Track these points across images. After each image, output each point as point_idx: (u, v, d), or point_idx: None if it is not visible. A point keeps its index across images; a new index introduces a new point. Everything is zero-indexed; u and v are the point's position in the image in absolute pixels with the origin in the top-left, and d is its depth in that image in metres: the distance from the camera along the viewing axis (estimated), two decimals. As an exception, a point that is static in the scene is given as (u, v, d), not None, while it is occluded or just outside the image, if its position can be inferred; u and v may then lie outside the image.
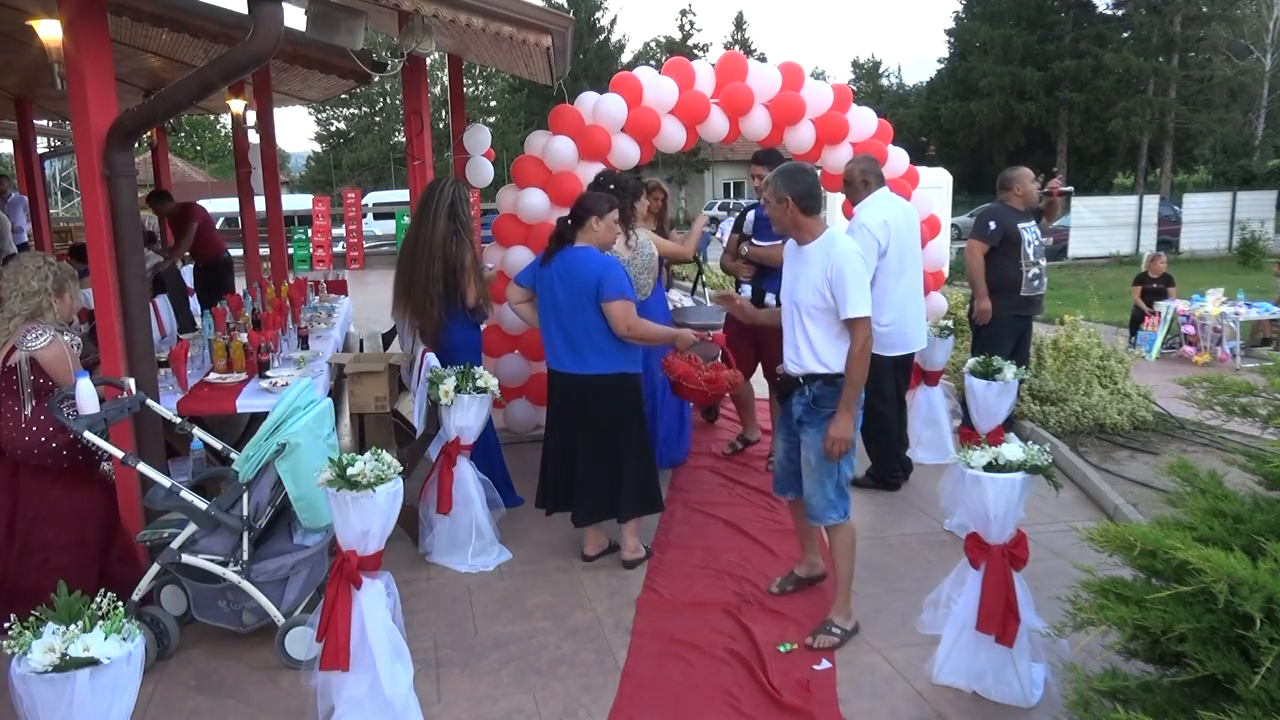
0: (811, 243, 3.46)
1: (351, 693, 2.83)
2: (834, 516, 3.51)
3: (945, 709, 3.13)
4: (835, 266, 3.34)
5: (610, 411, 4.11)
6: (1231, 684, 1.97)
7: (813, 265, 3.42)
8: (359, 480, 2.74)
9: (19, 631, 2.13)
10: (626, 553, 4.30)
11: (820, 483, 3.49)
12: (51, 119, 12.48)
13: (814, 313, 3.42)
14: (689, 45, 43.55)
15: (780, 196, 3.43)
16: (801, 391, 3.52)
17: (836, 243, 3.43)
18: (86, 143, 3.47)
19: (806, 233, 3.47)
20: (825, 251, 3.39)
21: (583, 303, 3.99)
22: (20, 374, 3.55)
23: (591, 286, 3.96)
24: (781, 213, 3.46)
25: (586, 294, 3.97)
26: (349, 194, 18.89)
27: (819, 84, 6.11)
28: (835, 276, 3.34)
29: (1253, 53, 31.43)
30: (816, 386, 3.47)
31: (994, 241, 5.45)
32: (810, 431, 3.50)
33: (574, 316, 4.02)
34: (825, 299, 3.37)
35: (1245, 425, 2.89)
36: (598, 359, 4.04)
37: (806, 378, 3.49)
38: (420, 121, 5.87)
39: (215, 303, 6.24)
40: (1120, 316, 10.97)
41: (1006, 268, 5.43)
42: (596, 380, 4.06)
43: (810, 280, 3.41)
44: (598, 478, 4.15)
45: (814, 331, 3.44)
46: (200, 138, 49.10)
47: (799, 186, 3.43)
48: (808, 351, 3.47)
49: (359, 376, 4.61)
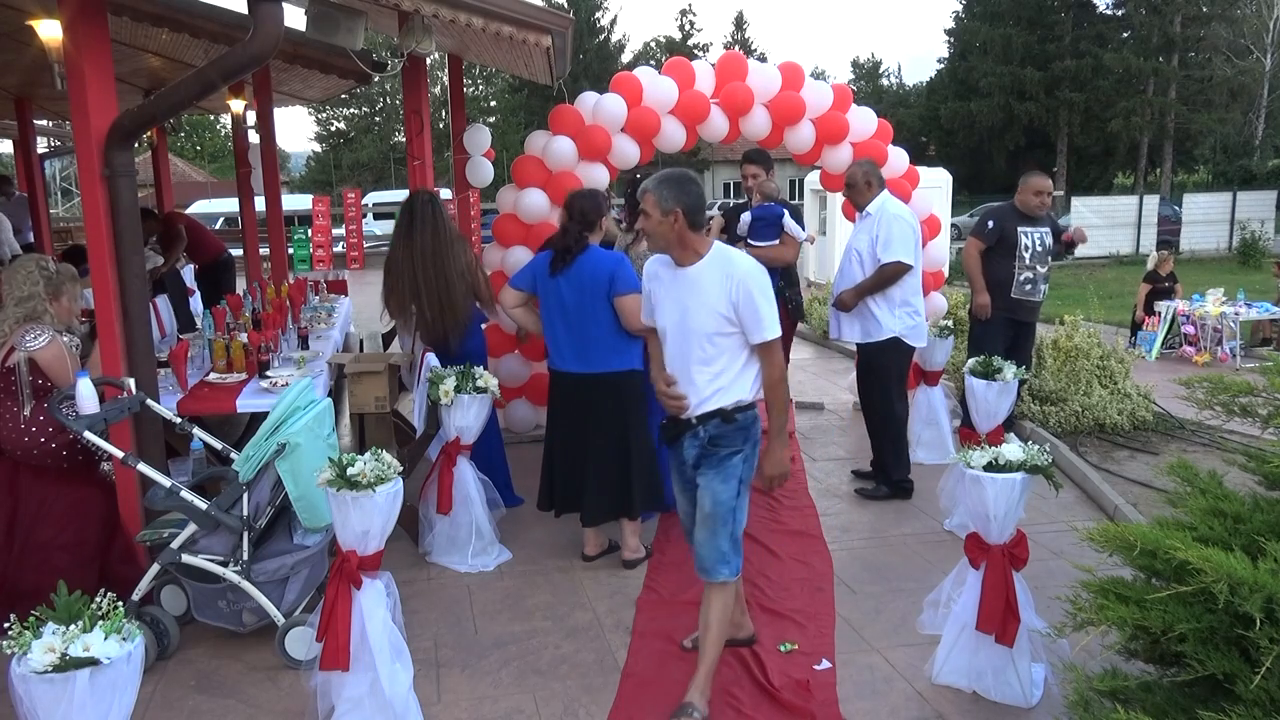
0: (697, 262, 3.00)
1: (351, 693, 2.83)
2: (725, 572, 3.05)
3: (945, 709, 3.13)
4: (741, 286, 2.91)
5: (619, 409, 4.12)
6: (1231, 684, 1.97)
7: (707, 287, 2.97)
8: (359, 480, 2.74)
9: (19, 631, 2.13)
10: (627, 552, 4.30)
11: (714, 533, 3.05)
12: (51, 119, 12.46)
13: (716, 340, 2.99)
14: (689, 45, 43.59)
15: (667, 208, 2.93)
16: (694, 432, 3.08)
17: (735, 260, 2.99)
18: (86, 143, 3.47)
19: (691, 251, 3.00)
20: (724, 271, 2.95)
21: (594, 300, 3.99)
22: (19, 374, 3.55)
23: (604, 283, 3.97)
24: (666, 227, 2.96)
25: (598, 291, 3.98)
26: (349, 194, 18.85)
27: (819, 84, 6.12)
28: (742, 297, 2.92)
29: (1253, 53, 31.43)
30: (713, 425, 3.05)
31: (989, 240, 5.53)
32: (708, 475, 3.07)
33: (583, 315, 4.02)
34: (729, 323, 2.96)
35: (1245, 425, 2.89)
36: (606, 357, 4.05)
37: (701, 417, 3.05)
38: (420, 121, 5.86)
39: (215, 303, 6.24)
40: (1121, 316, 10.97)
41: (999, 268, 5.50)
42: (605, 378, 4.07)
43: (707, 304, 2.97)
44: (609, 477, 4.16)
45: (718, 361, 3.01)
46: (200, 138, 49.11)
47: (690, 198, 2.95)
48: (708, 386, 3.02)
49: (359, 376, 4.61)
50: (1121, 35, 33.82)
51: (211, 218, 19.16)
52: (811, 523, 4.79)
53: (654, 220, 2.97)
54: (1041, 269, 5.50)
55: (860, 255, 4.98)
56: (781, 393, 3.05)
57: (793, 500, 5.09)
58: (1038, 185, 5.46)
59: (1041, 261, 5.48)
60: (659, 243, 3.03)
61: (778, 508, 4.96)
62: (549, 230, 4.98)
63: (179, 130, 42.87)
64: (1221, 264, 19.27)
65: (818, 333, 9.92)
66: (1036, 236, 5.46)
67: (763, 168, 5.49)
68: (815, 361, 9.10)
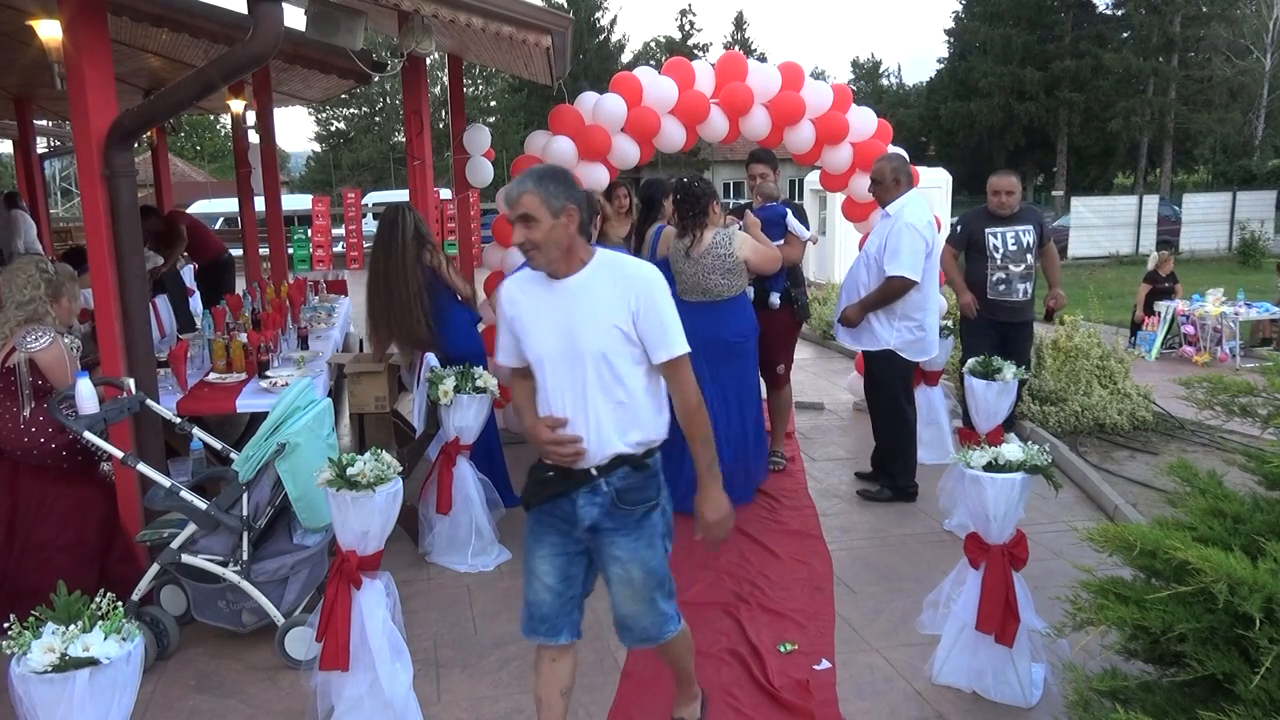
0: (580, 271, 2.46)
1: (351, 693, 2.83)
2: (673, 627, 2.63)
3: (945, 709, 3.13)
4: (640, 293, 2.41)
5: None
6: (1231, 684, 1.97)
7: (598, 297, 2.43)
8: (359, 480, 2.74)
9: (18, 631, 2.13)
10: None
11: (650, 599, 2.56)
12: (51, 119, 12.47)
13: (615, 361, 2.43)
14: (689, 45, 43.58)
15: (558, 206, 2.37)
16: (594, 487, 2.49)
17: (626, 263, 2.52)
18: (86, 143, 3.47)
19: (575, 258, 2.46)
20: (616, 276, 2.44)
21: None
22: (19, 375, 3.55)
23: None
24: (561, 232, 2.38)
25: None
26: (349, 194, 18.86)
27: (819, 84, 6.11)
28: (643, 305, 2.41)
29: (1252, 53, 31.44)
30: (620, 475, 2.48)
31: (959, 244, 5.58)
32: (625, 542, 2.51)
33: None
34: (628, 340, 2.43)
35: (1245, 425, 2.89)
36: None
37: (605, 465, 2.48)
38: (420, 121, 5.86)
39: (215, 303, 6.24)
40: (1120, 316, 10.97)
41: (974, 270, 5.50)
42: None
43: (599, 317, 2.42)
44: None
45: (619, 389, 2.44)
46: (200, 138, 49.13)
47: (579, 192, 2.45)
48: (610, 422, 2.45)
49: (359, 376, 4.62)
50: (1121, 35, 33.82)
51: (211, 218, 19.15)
52: (811, 523, 4.79)
53: (544, 227, 2.36)
54: (1016, 268, 5.36)
55: (869, 259, 4.91)
56: (702, 421, 2.51)
57: (793, 500, 5.09)
58: (994, 185, 5.42)
59: (1016, 261, 5.35)
60: (551, 254, 2.41)
61: (778, 508, 4.96)
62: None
63: (179, 130, 42.87)
64: (1221, 264, 19.29)
65: (817, 333, 9.92)
66: (1009, 236, 5.35)
67: (769, 167, 5.48)
68: (815, 361, 9.11)
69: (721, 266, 4.68)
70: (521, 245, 2.41)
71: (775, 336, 5.32)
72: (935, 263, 4.93)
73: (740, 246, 4.71)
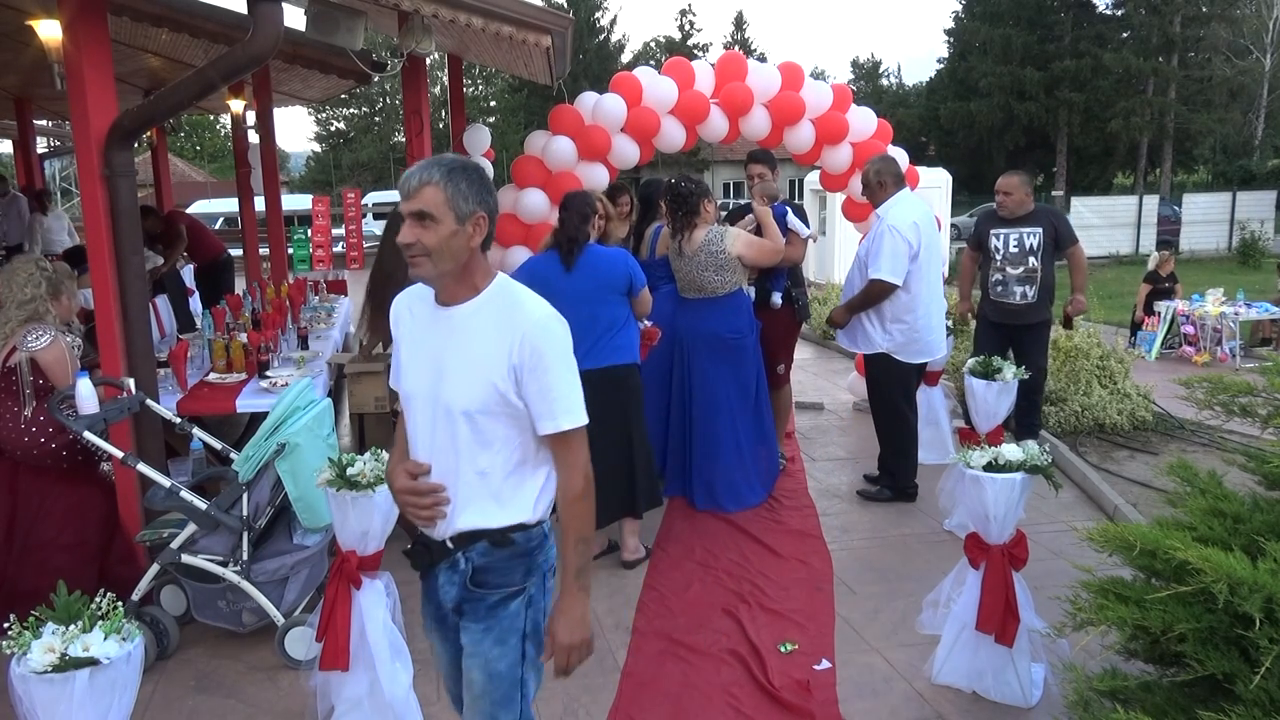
0: (470, 301, 1.97)
1: (351, 693, 2.83)
2: None
3: (945, 709, 3.13)
4: (529, 343, 1.90)
5: (621, 404, 4.13)
6: (1231, 684, 1.97)
7: (479, 339, 1.94)
8: (359, 480, 2.74)
9: (18, 631, 2.13)
10: (626, 553, 4.30)
11: (486, 715, 2.04)
12: (51, 119, 12.47)
13: (483, 422, 1.94)
14: (689, 45, 43.56)
15: (466, 210, 1.91)
16: (452, 562, 2.05)
17: (526, 303, 1.97)
18: (86, 143, 3.47)
19: (468, 282, 1.96)
20: (507, 318, 1.93)
21: (607, 293, 4.04)
22: (20, 375, 3.55)
23: (621, 281, 4.05)
24: (463, 242, 1.91)
25: (614, 285, 4.05)
26: (349, 194, 18.88)
27: (819, 84, 6.11)
28: (530, 360, 1.90)
29: (1252, 53, 31.45)
30: (478, 552, 2.01)
31: (971, 244, 5.66)
32: (471, 629, 2.04)
33: (594, 309, 4.01)
34: (505, 400, 1.93)
35: (1245, 425, 2.89)
36: (610, 351, 4.07)
37: (460, 537, 2.02)
38: (420, 121, 5.86)
39: (215, 303, 6.24)
40: (1120, 316, 10.98)
41: (982, 271, 5.54)
42: (609, 373, 4.06)
43: (475, 365, 1.93)
44: (614, 475, 4.13)
45: (484, 456, 1.97)
46: (200, 138, 49.12)
47: (495, 203, 1.98)
48: (472, 493, 1.98)
49: (359, 376, 4.62)
50: (1121, 35, 33.80)
51: (211, 218, 19.16)
52: (811, 523, 4.79)
53: (442, 231, 1.88)
54: (1014, 271, 5.31)
55: (860, 262, 4.94)
56: (583, 514, 1.98)
57: (793, 500, 5.09)
58: (996, 185, 5.42)
59: (1015, 263, 5.31)
60: (443, 266, 1.92)
61: (778, 508, 4.96)
62: (548, 230, 4.98)
63: (179, 130, 42.88)
64: (1221, 264, 19.29)
65: (817, 333, 9.92)
66: (1012, 238, 5.32)
67: (768, 167, 5.48)
68: (815, 361, 9.11)
69: (714, 263, 4.71)
70: (408, 247, 1.92)
71: (776, 336, 5.32)
72: (929, 263, 4.89)
73: (732, 243, 4.72)
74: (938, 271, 4.99)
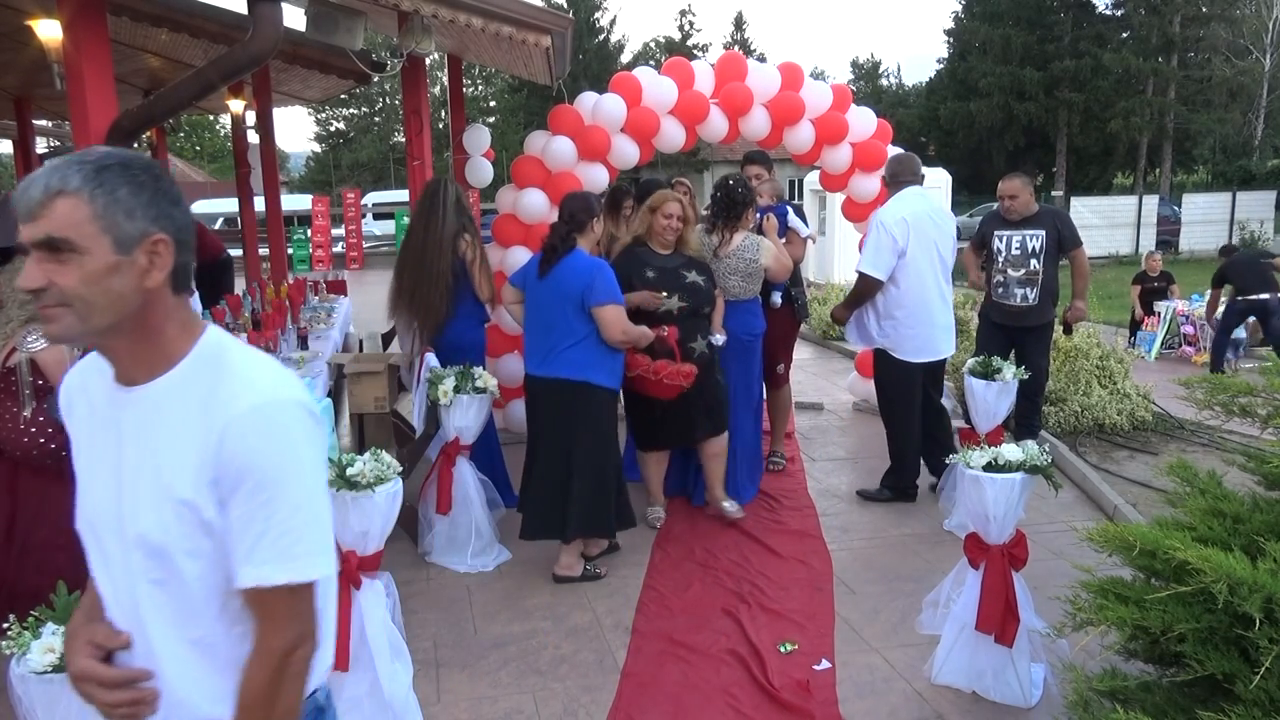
0: (166, 374, 1.31)
1: (351, 693, 2.84)
2: None
3: (945, 709, 3.13)
4: (235, 449, 1.26)
5: (566, 419, 4.00)
6: (1231, 684, 1.97)
7: (162, 434, 1.28)
8: (359, 480, 2.74)
9: (18, 632, 2.13)
10: (558, 567, 4.13)
11: None
12: (51, 119, 12.48)
13: (169, 561, 1.29)
14: (689, 45, 43.51)
15: (131, 232, 1.23)
16: None
17: (237, 384, 1.29)
18: (86, 143, 3.47)
19: (157, 348, 1.31)
20: (212, 400, 1.27)
21: (564, 305, 3.95)
22: (20, 375, 3.55)
23: (577, 291, 3.92)
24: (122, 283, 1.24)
25: (571, 297, 3.93)
26: (348, 194, 18.91)
27: (818, 84, 6.12)
28: (235, 474, 1.26)
29: (1252, 53, 31.44)
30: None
31: (976, 244, 5.66)
32: None
33: (552, 318, 3.99)
34: (200, 527, 1.28)
35: (1245, 425, 2.90)
36: (564, 364, 3.97)
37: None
38: (420, 122, 5.87)
39: (215, 303, 6.24)
40: (1120, 316, 10.98)
41: (986, 272, 5.55)
42: (558, 384, 3.98)
43: (157, 473, 1.28)
44: (547, 490, 4.05)
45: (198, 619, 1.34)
46: (200, 138, 49.10)
47: (183, 214, 1.31)
48: (174, 662, 1.35)
49: (359, 376, 4.62)
50: (1121, 35, 33.80)
51: (211, 218, 19.17)
52: (811, 523, 4.80)
53: (88, 266, 1.20)
54: (1015, 273, 5.29)
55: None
56: (277, 699, 1.36)
57: (793, 500, 5.09)
58: (999, 190, 5.38)
59: (1016, 265, 5.29)
60: (94, 322, 1.24)
61: (778, 508, 4.96)
62: (548, 230, 4.98)
63: (179, 130, 42.89)
64: (1221, 264, 19.27)
65: (817, 332, 9.92)
66: (1014, 240, 5.30)
67: (765, 168, 5.50)
68: (815, 361, 9.11)
69: (744, 270, 4.76)
70: (35, 293, 1.23)
71: (776, 336, 5.32)
72: (922, 260, 4.80)
73: (765, 255, 4.80)
74: (934, 268, 4.88)
